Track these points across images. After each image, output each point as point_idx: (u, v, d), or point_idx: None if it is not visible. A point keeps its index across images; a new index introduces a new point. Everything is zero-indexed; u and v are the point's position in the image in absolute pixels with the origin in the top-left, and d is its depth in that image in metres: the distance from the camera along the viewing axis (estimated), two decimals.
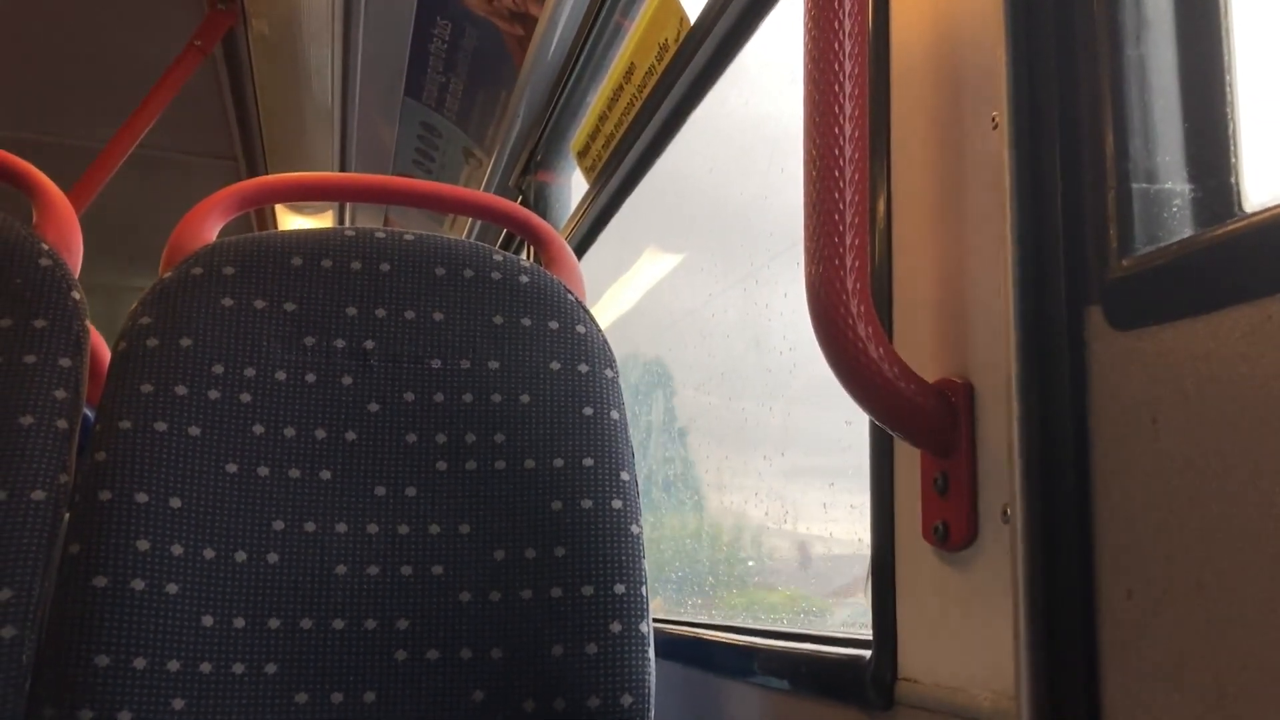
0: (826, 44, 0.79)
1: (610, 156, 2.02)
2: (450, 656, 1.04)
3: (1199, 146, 0.69)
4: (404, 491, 1.09)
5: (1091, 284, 0.69)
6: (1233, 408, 0.58)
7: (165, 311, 1.07)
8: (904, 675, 0.86)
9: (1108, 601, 0.66)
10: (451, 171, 3.19)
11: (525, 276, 1.19)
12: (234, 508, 1.03)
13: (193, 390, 1.04)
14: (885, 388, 0.77)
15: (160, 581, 0.97)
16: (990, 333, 0.77)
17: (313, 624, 1.02)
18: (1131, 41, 0.70)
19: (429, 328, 1.14)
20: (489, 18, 2.43)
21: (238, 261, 1.12)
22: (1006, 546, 0.72)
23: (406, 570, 1.06)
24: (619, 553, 1.08)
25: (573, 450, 1.11)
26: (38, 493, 0.97)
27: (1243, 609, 0.56)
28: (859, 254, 0.76)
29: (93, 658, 0.93)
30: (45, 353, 1.03)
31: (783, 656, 1.09)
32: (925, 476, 0.83)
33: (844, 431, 1.21)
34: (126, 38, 2.71)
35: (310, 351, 1.10)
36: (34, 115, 3.14)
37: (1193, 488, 0.60)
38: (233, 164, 3.33)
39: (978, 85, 0.80)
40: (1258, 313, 0.56)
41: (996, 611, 0.74)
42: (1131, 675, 0.64)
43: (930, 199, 0.86)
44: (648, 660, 1.06)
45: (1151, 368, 0.64)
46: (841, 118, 0.78)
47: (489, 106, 2.75)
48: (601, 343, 1.19)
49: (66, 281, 1.07)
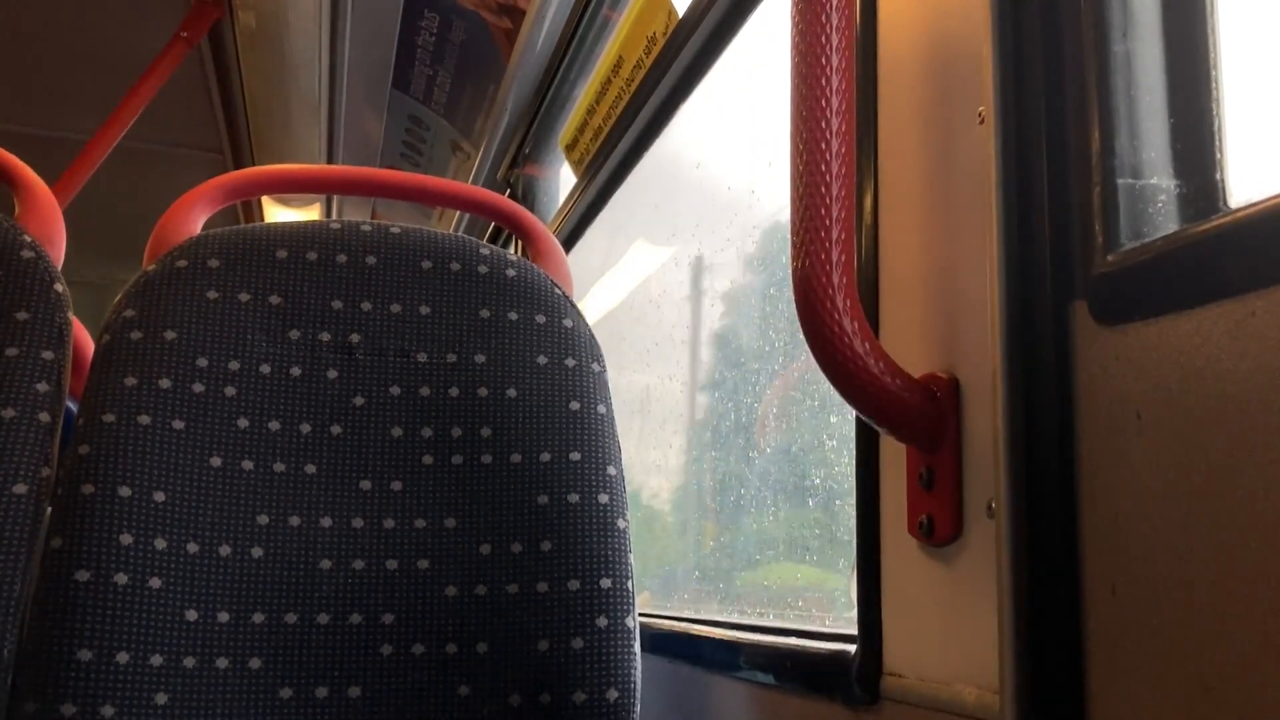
0: (814, 38, 0.79)
1: (599, 150, 2.02)
2: (436, 651, 1.04)
3: (1184, 142, 0.69)
4: (390, 485, 1.09)
5: (1077, 279, 0.69)
6: (1217, 403, 0.58)
7: (149, 304, 1.07)
8: (889, 670, 0.86)
9: (1092, 597, 0.66)
10: (439, 165, 3.18)
11: (512, 270, 1.19)
12: (218, 501, 1.02)
13: (176, 383, 1.04)
14: (871, 383, 0.77)
15: (143, 576, 0.96)
16: (976, 328, 0.77)
17: (297, 618, 1.02)
18: (1118, 37, 0.70)
19: (415, 321, 1.14)
20: (476, 10, 2.42)
21: (222, 254, 1.11)
22: (991, 541, 0.72)
23: (392, 564, 1.06)
24: (605, 547, 1.08)
25: (559, 445, 1.11)
26: (19, 486, 0.96)
27: (1227, 604, 0.56)
28: (845, 249, 0.76)
29: (75, 652, 0.92)
30: (27, 345, 1.02)
31: (768, 651, 1.09)
32: (910, 471, 0.83)
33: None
34: (112, 30, 2.70)
35: (295, 345, 1.10)
36: (18, 107, 3.11)
37: (1177, 483, 0.60)
38: (219, 157, 3.31)
39: (964, 80, 0.80)
40: (1242, 308, 0.57)
41: (981, 606, 0.74)
42: (1116, 670, 0.64)
43: (917, 194, 0.86)
44: (634, 655, 1.06)
45: (1136, 363, 0.64)
46: (828, 112, 0.78)
47: (477, 99, 2.74)
48: (589, 337, 1.19)
49: (49, 274, 1.07)
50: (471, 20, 2.46)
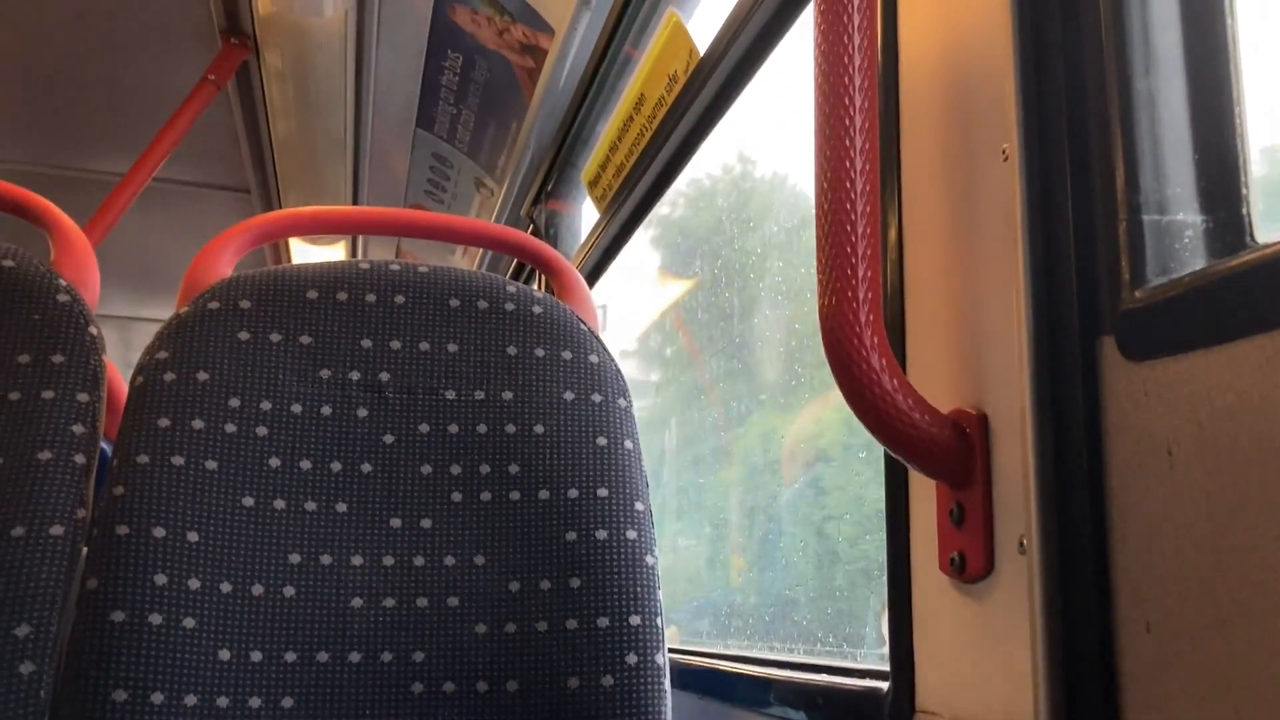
0: (836, 76, 0.79)
1: (621, 185, 2.03)
2: (466, 689, 1.04)
3: (1209, 178, 0.69)
4: (419, 523, 1.09)
5: (1104, 315, 0.70)
6: (1249, 439, 0.58)
7: (182, 346, 1.08)
8: (921, 708, 0.85)
9: (1126, 634, 0.66)
10: (463, 201, 3.20)
11: (538, 307, 1.20)
12: (250, 541, 1.03)
13: (209, 424, 1.05)
14: (899, 419, 0.77)
15: (177, 616, 0.97)
16: (1004, 363, 0.77)
17: (329, 657, 1.02)
18: (1140, 74, 0.71)
19: (443, 359, 1.15)
20: (499, 50, 2.45)
21: (254, 295, 1.12)
22: (1024, 578, 0.72)
23: (422, 602, 1.06)
24: (634, 584, 1.08)
25: (587, 481, 1.12)
26: (56, 528, 0.97)
27: (1262, 643, 0.56)
28: (872, 285, 0.77)
29: (110, 693, 0.93)
30: (63, 388, 1.04)
31: (800, 688, 1.08)
32: (941, 507, 0.83)
33: None
34: (141, 72, 2.74)
35: (326, 384, 1.11)
36: (50, 149, 3.17)
37: (1210, 520, 0.60)
38: (246, 196, 3.35)
39: (988, 118, 0.81)
40: (1272, 343, 0.57)
41: (1014, 643, 0.74)
42: (1151, 708, 0.64)
43: (942, 231, 0.86)
44: (664, 692, 1.06)
45: (1166, 399, 0.64)
46: (852, 150, 0.78)
47: (500, 137, 2.77)
48: (615, 372, 1.19)
49: (84, 317, 1.08)
50: (494, 59, 2.50)
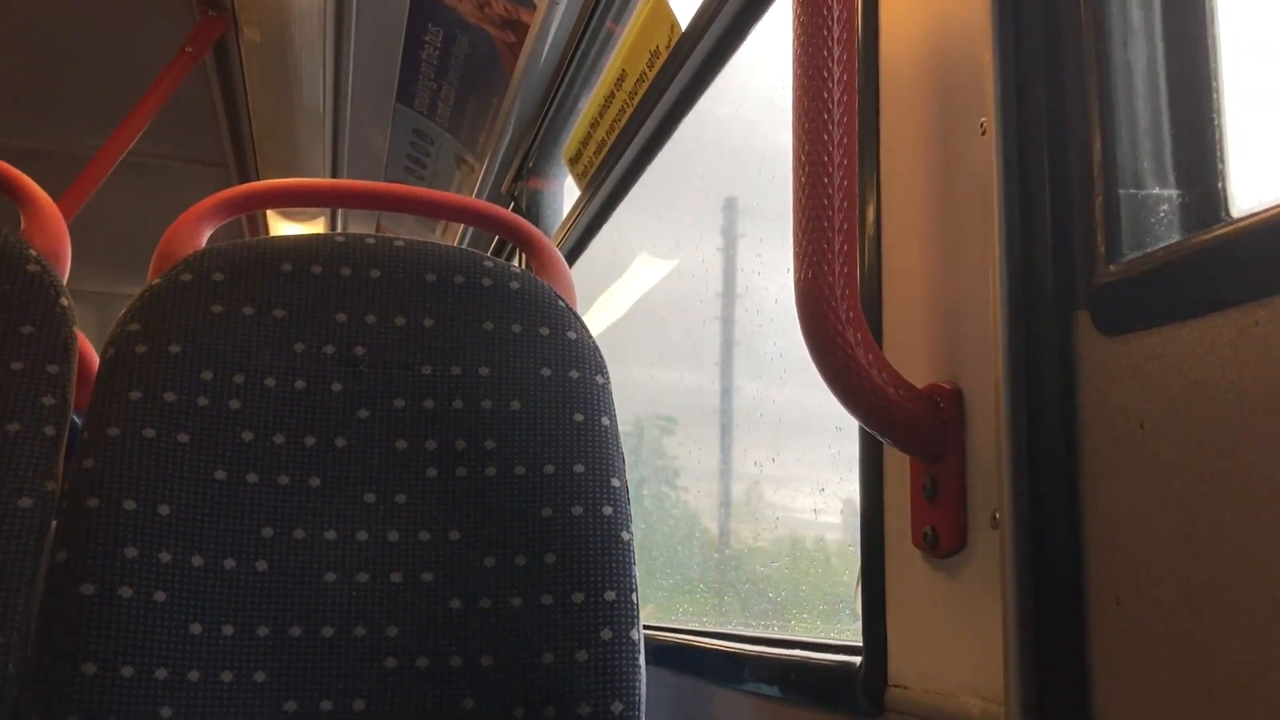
0: (816, 50, 0.79)
1: (602, 163, 2.02)
2: (440, 664, 1.04)
3: (1186, 152, 0.69)
4: (394, 498, 1.09)
5: (1079, 289, 0.69)
6: (1220, 412, 0.58)
7: (154, 318, 1.07)
8: (894, 681, 0.86)
9: (1097, 608, 0.66)
10: (443, 178, 3.19)
11: (516, 283, 1.19)
12: (223, 515, 1.02)
13: (181, 397, 1.04)
14: (874, 393, 0.76)
15: (148, 589, 0.96)
16: (979, 338, 0.77)
17: (302, 631, 1.02)
18: (1119, 46, 0.70)
19: (419, 334, 1.14)
20: (480, 25, 2.43)
21: (227, 268, 1.11)
22: (996, 552, 0.72)
23: (396, 577, 1.06)
24: (610, 559, 1.08)
25: (563, 456, 1.11)
26: (25, 500, 0.96)
27: (1231, 614, 0.56)
28: (848, 259, 0.76)
29: (80, 666, 0.92)
30: (33, 359, 1.02)
31: (773, 663, 1.08)
32: (914, 482, 0.83)
33: None
34: (117, 44, 2.71)
35: (300, 358, 1.10)
36: (24, 122, 3.13)
37: (1181, 493, 0.60)
38: (224, 171, 3.32)
39: (966, 91, 0.80)
40: (1244, 317, 0.57)
41: (986, 617, 0.74)
42: (1121, 680, 0.64)
43: (919, 204, 0.86)
44: (638, 667, 1.06)
45: (1139, 373, 0.64)
46: (830, 124, 0.78)
47: (481, 113, 2.75)
48: (592, 349, 1.19)
49: (54, 288, 1.07)
50: (475, 34, 2.47)
